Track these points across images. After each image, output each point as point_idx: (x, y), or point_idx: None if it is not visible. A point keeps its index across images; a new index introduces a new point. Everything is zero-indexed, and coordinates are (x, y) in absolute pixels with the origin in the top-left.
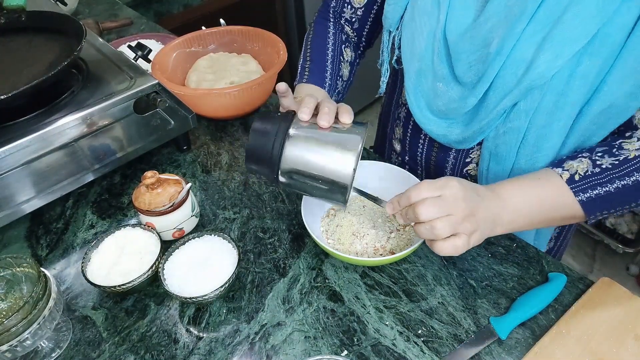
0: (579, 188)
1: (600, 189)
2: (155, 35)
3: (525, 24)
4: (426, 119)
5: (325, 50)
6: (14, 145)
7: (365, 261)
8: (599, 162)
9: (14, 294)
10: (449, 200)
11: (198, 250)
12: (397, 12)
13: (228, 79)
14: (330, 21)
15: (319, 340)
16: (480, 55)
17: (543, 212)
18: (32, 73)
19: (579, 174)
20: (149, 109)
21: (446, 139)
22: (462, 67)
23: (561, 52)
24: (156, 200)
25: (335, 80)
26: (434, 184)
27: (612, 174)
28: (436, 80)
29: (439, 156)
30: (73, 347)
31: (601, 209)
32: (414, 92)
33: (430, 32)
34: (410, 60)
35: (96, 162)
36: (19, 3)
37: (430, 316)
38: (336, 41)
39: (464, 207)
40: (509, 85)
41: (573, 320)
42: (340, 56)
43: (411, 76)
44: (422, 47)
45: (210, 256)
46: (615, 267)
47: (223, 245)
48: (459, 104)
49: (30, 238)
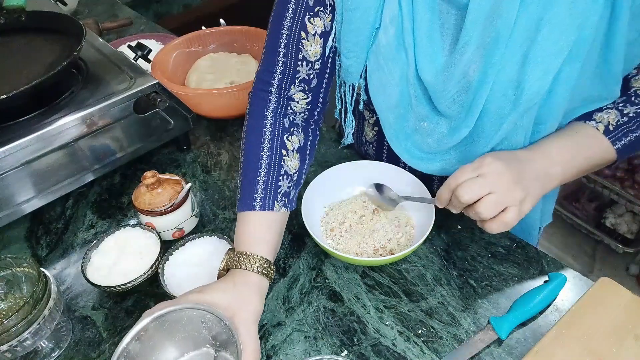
0: (615, 137)
1: (631, 135)
2: (155, 35)
3: (504, 47)
4: (417, 159)
5: (258, 153)
6: (14, 145)
7: (365, 261)
8: (625, 111)
9: (14, 294)
10: (488, 177)
11: (198, 250)
12: (360, 65)
13: (228, 79)
14: (270, 103)
15: (319, 340)
16: (461, 87)
17: (587, 159)
18: (32, 73)
19: (612, 125)
20: (149, 109)
21: (446, 172)
22: (445, 103)
23: (549, 67)
24: (156, 200)
25: (274, 185)
26: (470, 165)
27: (638, 121)
28: (419, 121)
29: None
30: (73, 347)
31: (631, 151)
32: (397, 137)
33: (402, 76)
34: (385, 109)
35: (96, 162)
36: (19, 3)
37: (430, 316)
38: (274, 134)
39: (506, 178)
40: (504, 108)
41: (573, 320)
42: (281, 150)
43: (391, 123)
44: (397, 93)
45: (210, 256)
46: (615, 267)
47: (223, 246)
48: (451, 137)
49: (30, 238)
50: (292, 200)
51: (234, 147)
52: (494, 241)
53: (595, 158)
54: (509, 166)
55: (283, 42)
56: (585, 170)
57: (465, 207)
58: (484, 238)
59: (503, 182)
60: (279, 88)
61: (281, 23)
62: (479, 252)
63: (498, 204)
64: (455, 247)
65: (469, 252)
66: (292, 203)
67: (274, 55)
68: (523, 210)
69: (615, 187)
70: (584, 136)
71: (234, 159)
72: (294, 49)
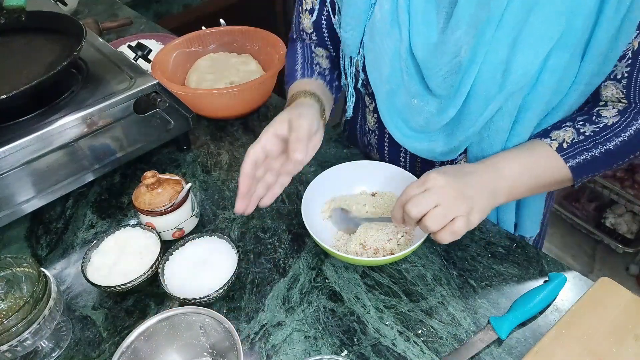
0: (568, 155)
1: (587, 154)
2: (155, 35)
3: (494, 29)
4: (406, 138)
5: (295, 57)
6: (14, 145)
7: (365, 261)
8: (582, 130)
9: (14, 294)
10: (433, 191)
11: (198, 250)
12: (356, 38)
13: (228, 79)
14: (297, 42)
15: (319, 340)
16: (452, 66)
17: (538, 177)
18: (32, 73)
19: (567, 142)
20: (149, 109)
21: (432, 154)
22: (435, 81)
23: (537, 51)
24: (156, 200)
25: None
26: (417, 182)
27: (595, 140)
28: (410, 97)
29: (423, 170)
30: (73, 347)
31: (588, 172)
32: (389, 112)
33: (395, 52)
34: (378, 83)
35: (96, 162)
36: (19, 3)
37: (430, 316)
38: (304, 47)
39: (449, 191)
40: (491, 91)
41: (573, 320)
42: (312, 54)
43: (383, 98)
44: (389, 67)
45: (210, 257)
46: (615, 267)
47: (223, 246)
48: (439, 117)
49: (30, 238)
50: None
51: (234, 147)
52: (494, 241)
53: (546, 176)
54: (453, 179)
55: (295, 12)
56: (537, 188)
57: (417, 222)
58: (483, 238)
59: (448, 195)
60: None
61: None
62: (479, 252)
63: (444, 216)
64: (455, 247)
65: (469, 252)
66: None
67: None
68: (471, 220)
69: (615, 187)
70: (536, 153)
71: (234, 159)
72: (297, 19)
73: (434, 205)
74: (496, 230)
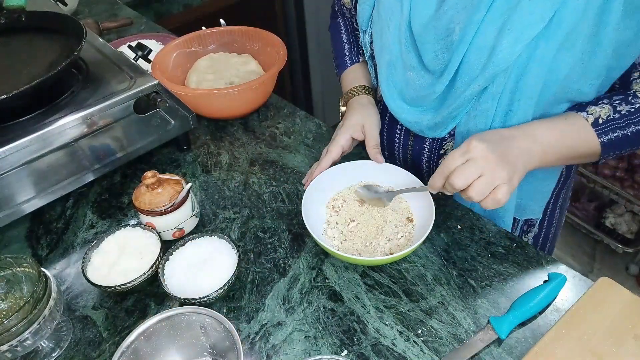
0: (602, 130)
1: (619, 132)
2: (155, 35)
3: (485, 11)
4: (400, 109)
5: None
6: (14, 145)
7: (365, 261)
8: (618, 108)
9: (14, 294)
10: (477, 161)
11: (198, 250)
12: (367, 12)
13: (228, 79)
14: (339, 18)
15: (319, 340)
16: (445, 44)
17: (569, 148)
18: (32, 73)
19: (602, 118)
20: (149, 109)
21: (419, 126)
22: (429, 56)
23: (520, 37)
24: (156, 200)
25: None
26: (458, 151)
27: (629, 119)
28: (406, 70)
29: (414, 149)
30: (73, 347)
31: (615, 149)
32: (387, 83)
33: (396, 25)
34: (380, 53)
35: (96, 162)
36: (19, 3)
37: (430, 316)
38: (347, 27)
39: (492, 159)
40: (475, 71)
41: (573, 320)
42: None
43: (383, 68)
44: (390, 39)
45: (210, 256)
46: (615, 267)
47: (223, 246)
48: (429, 91)
49: (30, 238)
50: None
51: (234, 147)
52: (494, 241)
53: (577, 148)
54: (494, 146)
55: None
56: (567, 159)
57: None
58: (483, 238)
59: (490, 164)
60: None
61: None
62: (479, 252)
63: (488, 185)
64: (455, 247)
65: (469, 252)
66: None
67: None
68: (513, 184)
69: (615, 187)
70: (571, 124)
71: (234, 159)
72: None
73: (477, 176)
74: (496, 230)
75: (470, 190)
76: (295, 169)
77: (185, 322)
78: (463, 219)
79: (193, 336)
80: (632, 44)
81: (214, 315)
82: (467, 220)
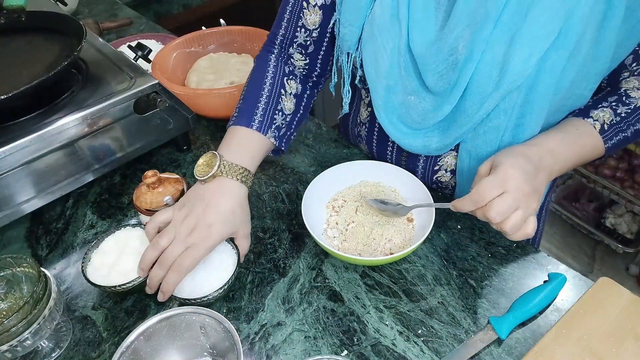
0: (607, 137)
1: (621, 134)
2: (155, 35)
3: (492, 27)
4: (401, 134)
5: (261, 85)
6: (14, 145)
7: (365, 261)
8: (618, 111)
9: (14, 294)
10: (513, 194)
11: None
12: (355, 34)
13: (228, 79)
14: (273, 53)
15: (319, 340)
16: (449, 64)
17: (578, 156)
18: (32, 73)
19: (607, 124)
20: (149, 109)
21: (427, 150)
22: (432, 78)
23: (534, 50)
24: (157, 200)
25: (270, 115)
26: (493, 180)
27: (628, 121)
28: (407, 94)
29: (408, 166)
30: (73, 347)
31: (617, 148)
32: (385, 109)
33: (394, 47)
34: (376, 79)
35: (96, 162)
36: (19, 3)
37: (430, 316)
38: (276, 74)
39: (527, 192)
40: (486, 89)
41: (573, 320)
42: (280, 89)
43: (380, 94)
44: (387, 64)
45: (210, 256)
46: (615, 267)
47: (223, 246)
48: (434, 113)
49: (30, 238)
50: (281, 138)
51: None
52: (494, 241)
53: (586, 155)
54: (527, 177)
55: (289, 9)
56: (574, 166)
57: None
58: (483, 238)
59: (525, 196)
60: (280, 47)
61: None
62: (478, 252)
63: (522, 219)
64: (455, 247)
65: (469, 252)
66: (280, 140)
67: (280, 20)
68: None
69: (615, 187)
70: (582, 134)
71: None
72: (295, 16)
73: (514, 209)
74: (496, 230)
75: (504, 225)
76: (295, 169)
77: (185, 322)
78: (463, 219)
79: (193, 336)
80: (623, 46)
81: (213, 316)
82: (467, 220)
